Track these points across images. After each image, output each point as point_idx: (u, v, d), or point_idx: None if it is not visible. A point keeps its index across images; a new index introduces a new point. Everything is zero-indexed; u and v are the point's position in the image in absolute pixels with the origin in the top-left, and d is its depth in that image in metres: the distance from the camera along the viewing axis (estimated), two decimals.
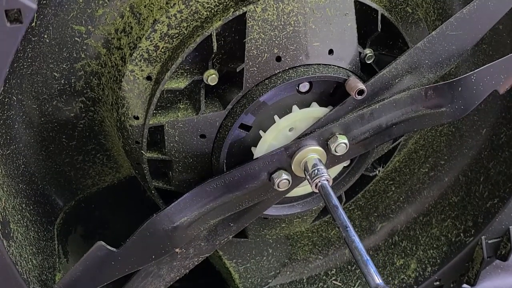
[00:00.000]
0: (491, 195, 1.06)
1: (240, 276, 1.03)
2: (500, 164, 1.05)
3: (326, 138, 0.79)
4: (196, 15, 0.75)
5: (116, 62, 0.78)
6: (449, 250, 1.08)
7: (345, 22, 0.78)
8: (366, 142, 0.82)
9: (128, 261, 0.79)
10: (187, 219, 0.80)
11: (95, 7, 0.76)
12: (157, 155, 0.80)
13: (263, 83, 0.77)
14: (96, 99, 0.83)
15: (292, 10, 0.75)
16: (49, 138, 0.85)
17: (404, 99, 0.81)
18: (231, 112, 0.78)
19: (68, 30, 0.77)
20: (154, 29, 0.74)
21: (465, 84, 0.81)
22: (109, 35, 0.78)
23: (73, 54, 0.79)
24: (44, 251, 0.85)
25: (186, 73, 0.77)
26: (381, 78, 0.80)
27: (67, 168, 0.90)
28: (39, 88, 0.80)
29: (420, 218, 1.13)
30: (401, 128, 0.82)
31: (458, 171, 1.11)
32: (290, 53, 0.76)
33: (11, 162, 0.81)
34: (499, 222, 1.05)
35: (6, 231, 0.74)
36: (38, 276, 0.80)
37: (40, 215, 0.86)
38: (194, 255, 0.85)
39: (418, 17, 0.89)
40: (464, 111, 0.82)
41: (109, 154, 0.91)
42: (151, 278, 0.85)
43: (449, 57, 0.82)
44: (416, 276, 1.10)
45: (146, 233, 0.78)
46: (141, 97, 0.78)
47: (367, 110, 0.80)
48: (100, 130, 0.87)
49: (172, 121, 0.77)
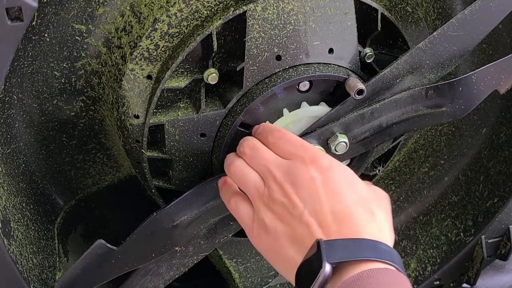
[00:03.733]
0: (491, 194, 1.06)
1: (240, 276, 1.03)
2: (500, 163, 1.05)
3: (326, 137, 0.80)
4: (197, 14, 0.75)
5: (116, 61, 0.78)
6: (449, 249, 1.08)
7: (345, 21, 0.78)
8: (366, 141, 0.82)
9: (128, 260, 0.79)
10: (187, 218, 0.80)
11: (96, 6, 0.76)
12: (158, 154, 0.80)
13: (263, 82, 0.77)
14: (97, 98, 0.83)
15: (292, 9, 0.75)
16: (50, 137, 0.86)
17: (404, 99, 0.81)
18: (231, 111, 0.78)
19: (68, 29, 0.77)
20: (154, 28, 0.74)
21: (466, 84, 0.81)
22: (109, 34, 0.78)
23: (73, 53, 0.79)
24: (45, 250, 0.85)
25: (187, 72, 0.77)
26: (382, 78, 0.80)
27: (68, 167, 0.90)
28: (39, 87, 0.80)
29: (420, 218, 1.13)
30: (401, 127, 0.83)
31: (458, 170, 1.11)
32: (290, 52, 0.76)
33: (12, 161, 0.81)
34: (499, 222, 1.05)
35: (6, 229, 0.74)
36: (39, 274, 0.80)
37: (40, 214, 0.86)
38: (194, 253, 0.86)
39: (418, 16, 0.90)
40: (465, 110, 0.83)
41: (110, 153, 0.91)
42: (150, 276, 0.85)
43: (450, 57, 0.82)
44: (416, 275, 1.10)
45: (146, 231, 0.78)
46: (142, 96, 0.78)
47: (367, 109, 0.80)
48: (101, 129, 0.87)
49: (172, 120, 0.77)
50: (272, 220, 0.68)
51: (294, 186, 0.68)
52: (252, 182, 0.71)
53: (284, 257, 0.67)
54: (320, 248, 0.61)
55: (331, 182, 0.67)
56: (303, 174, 0.68)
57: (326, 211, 0.65)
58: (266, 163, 0.71)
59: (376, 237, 0.64)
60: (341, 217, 0.65)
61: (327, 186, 0.67)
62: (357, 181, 0.70)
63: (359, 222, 0.65)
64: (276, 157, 0.72)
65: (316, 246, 0.62)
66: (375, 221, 0.66)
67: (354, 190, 0.68)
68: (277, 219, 0.68)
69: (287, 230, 0.67)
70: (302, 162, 0.69)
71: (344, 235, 0.64)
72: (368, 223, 0.65)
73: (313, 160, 0.69)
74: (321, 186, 0.67)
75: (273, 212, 0.68)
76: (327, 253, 0.61)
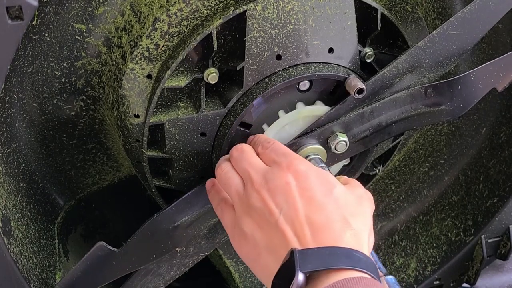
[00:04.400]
0: (491, 194, 1.06)
1: (240, 276, 1.03)
2: (500, 163, 1.05)
3: (326, 136, 0.80)
4: (197, 14, 0.75)
5: (116, 60, 0.78)
6: (449, 249, 1.09)
7: (345, 21, 0.78)
8: (366, 140, 0.82)
9: (129, 261, 0.79)
10: (188, 219, 0.80)
11: (96, 6, 0.76)
12: (158, 154, 0.80)
13: (263, 82, 0.77)
14: (97, 98, 0.83)
15: (292, 9, 0.75)
16: (50, 136, 0.86)
17: (404, 98, 0.82)
18: (232, 110, 0.78)
19: (68, 29, 0.77)
20: (154, 27, 0.74)
21: (465, 83, 0.82)
22: (109, 33, 0.78)
23: (73, 52, 0.79)
24: (45, 249, 0.85)
25: (187, 72, 0.77)
26: (381, 77, 0.80)
27: (68, 167, 0.90)
28: (39, 86, 0.81)
29: (420, 217, 1.13)
30: (400, 126, 0.83)
31: (458, 170, 1.11)
32: (290, 51, 0.77)
33: (12, 160, 0.81)
34: (499, 221, 1.05)
35: (6, 229, 0.74)
36: (39, 274, 0.80)
37: (40, 214, 0.86)
38: (194, 253, 0.86)
39: (417, 16, 0.90)
40: (463, 109, 0.83)
41: (110, 153, 0.91)
42: (150, 277, 0.85)
43: (449, 56, 0.82)
44: (416, 275, 1.10)
45: (147, 233, 0.78)
46: (142, 96, 0.78)
47: (367, 108, 0.80)
48: (101, 129, 0.87)
49: (172, 119, 0.77)
50: (251, 228, 0.68)
51: (270, 192, 0.67)
52: (234, 186, 0.72)
53: (262, 265, 0.67)
54: (293, 257, 0.61)
55: (307, 189, 0.67)
56: (279, 179, 0.68)
57: (302, 219, 0.65)
58: (248, 168, 0.71)
59: (352, 245, 0.63)
60: (316, 226, 0.64)
61: (303, 193, 0.66)
62: (334, 187, 0.69)
63: (334, 230, 0.64)
64: (260, 163, 0.72)
65: (290, 255, 0.61)
66: (351, 229, 0.65)
67: (330, 197, 0.67)
68: (255, 227, 0.68)
69: (264, 239, 0.67)
70: (280, 168, 0.69)
71: (319, 244, 0.63)
72: (343, 231, 0.64)
73: (290, 165, 0.68)
74: (296, 192, 0.66)
75: (251, 218, 0.68)
76: (301, 262, 0.60)
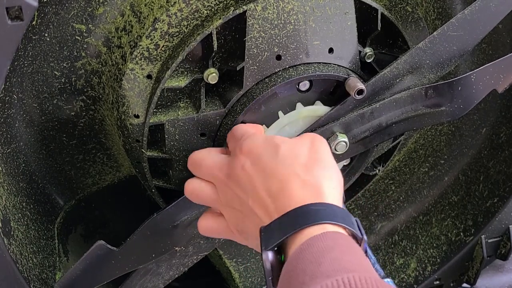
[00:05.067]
0: (491, 194, 1.06)
1: (240, 276, 1.03)
2: (500, 163, 1.05)
3: (326, 137, 0.80)
4: (197, 14, 0.75)
5: (116, 60, 0.78)
6: (449, 249, 1.09)
7: (345, 21, 0.78)
8: (366, 140, 0.82)
9: (128, 260, 0.79)
10: (188, 218, 0.80)
11: (96, 6, 0.76)
12: (158, 154, 0.80)
13: (263, 82, 0.77)
14: (97, 98, 0.83)
15: (292, 9, 0.75)
16: (50, 137, 0.86)
17: (404, 98, 0.82)
18: (232, 110, 0.78)
19: (68, 29, 0.77)
20: (154, 27, 0.74)
21: (465, 84, 0.82)
22: (109, 33, 0.78)
23: (73, 52, 0.79)
24: (45, 249, 0.85)
25: (187, 72, 0.77)
26: (382, 78, 0.80)
27: (68, 167, 0.90)
28: (39, 86, 0.81)
29: (420, 218, 1.13)
30: (400, 127, 0.83)
31: (458, 170, 1.11)
32: (290, 51, 0.77)
33: (12, 160, 0.81)
34: (499, 221, 1.05)
35: (6, 229, 0.74)
36: (39, 274, 0.80)
37: (40, 214, 0.87)
38: (193, 253, 0.86)
39: (418, 16, 0.90)
40: (463, 110, 0.83)
41: (110, 153, 0.91)
42: (150, 276, 0.85)
43: (450, 57, 0.82)
44: (416, 275, 1.10)
45: (146, 232, 0.78)
46: (142, 96, 0.78)
47: (367, 109, 0.80)
48: (101, 129, 0.87)
49: (172, 119, 0.77)
50: (239, 224, 0.69)
51: (235, 182, 0.68)
52: (206, 196, 0.73)
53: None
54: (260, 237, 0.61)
55: (257, 162, 0.67)
56: (237, 167, 0.68)
57: (262, 193, 0.65)
58: (210, 170, 0.72)
59: (311, 199, 0.62)
60: (274, 194, 0.64)
61: (256, 168, 0.67)
62: (279, 147, 0.68)
63: (290, 191, 0.63)
64: (219, 159, 0.72)
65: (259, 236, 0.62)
66: (305, 183, 0.64)
67: (277, 159, 0.66)
68: (240, 221, 0.69)
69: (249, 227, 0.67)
70: (235, 155, 0.70)
71: (281, 211, 0.62)
72: (299, 188, 0.63)
73: (241, 148, 0.69)
74: (252, 170, 0.67)
75: (234, 213, 0.69)
76: (265, 241, 0.61)
